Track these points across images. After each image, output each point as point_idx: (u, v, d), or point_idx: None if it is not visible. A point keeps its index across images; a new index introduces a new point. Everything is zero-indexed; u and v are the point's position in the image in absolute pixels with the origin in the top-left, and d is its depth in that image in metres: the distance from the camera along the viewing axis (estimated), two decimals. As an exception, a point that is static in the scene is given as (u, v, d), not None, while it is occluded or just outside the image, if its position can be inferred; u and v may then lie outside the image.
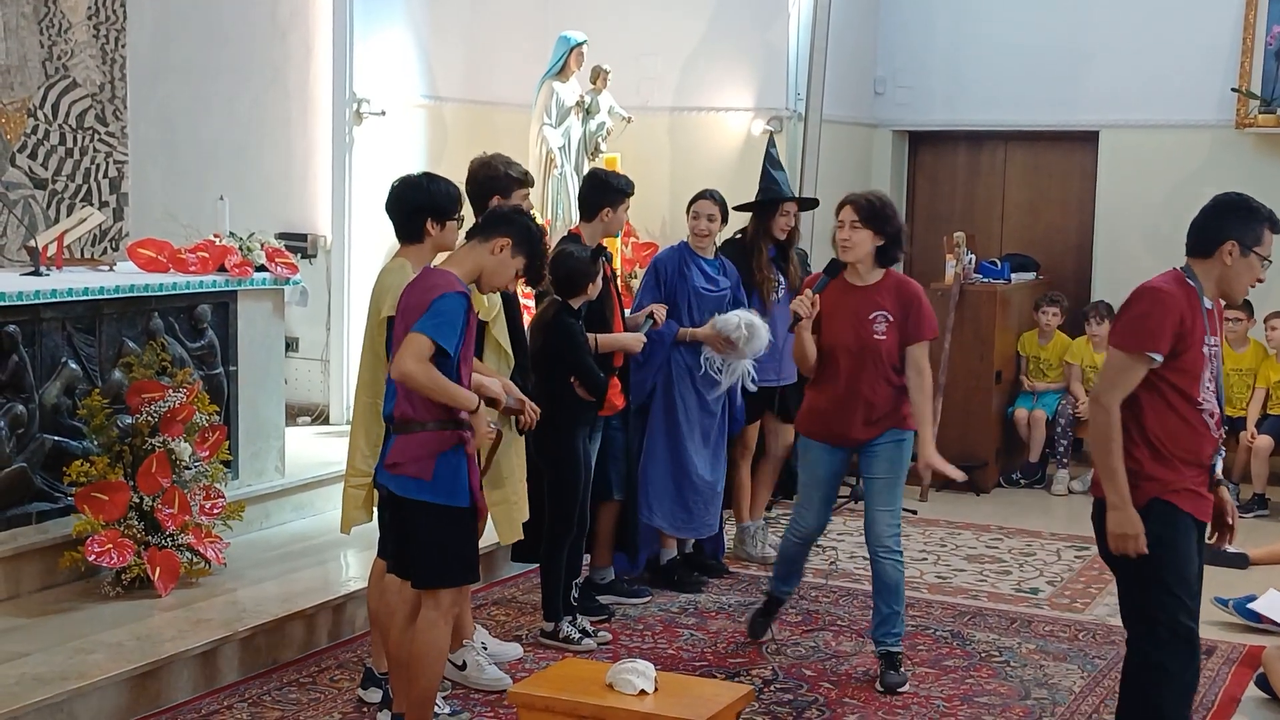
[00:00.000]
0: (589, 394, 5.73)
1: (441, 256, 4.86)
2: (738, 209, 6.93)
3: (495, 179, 5.52)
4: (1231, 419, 8.45)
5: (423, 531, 4.42)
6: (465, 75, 9.31)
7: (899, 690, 5.38)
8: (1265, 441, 8.38)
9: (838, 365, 5.36)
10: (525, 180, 5.61)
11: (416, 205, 4.87)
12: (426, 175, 4.99)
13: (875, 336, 5.31)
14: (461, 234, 4.92)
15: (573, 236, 6.12)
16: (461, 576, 4.52)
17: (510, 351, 5.32)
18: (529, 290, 6.26)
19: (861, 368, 5.31)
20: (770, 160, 7.17)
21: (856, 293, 5.37)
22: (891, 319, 5.32)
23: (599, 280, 5.76)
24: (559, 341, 5.68)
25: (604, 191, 6.12)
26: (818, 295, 5.36)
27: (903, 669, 5.48)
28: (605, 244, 6.06)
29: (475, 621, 5.68)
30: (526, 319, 5.79)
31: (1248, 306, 8.61)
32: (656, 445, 6.50)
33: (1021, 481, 9.06)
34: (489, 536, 5.88)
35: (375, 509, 4.88)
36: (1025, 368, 9.25)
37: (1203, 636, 6.01)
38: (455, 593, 4.53)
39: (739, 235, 7.03)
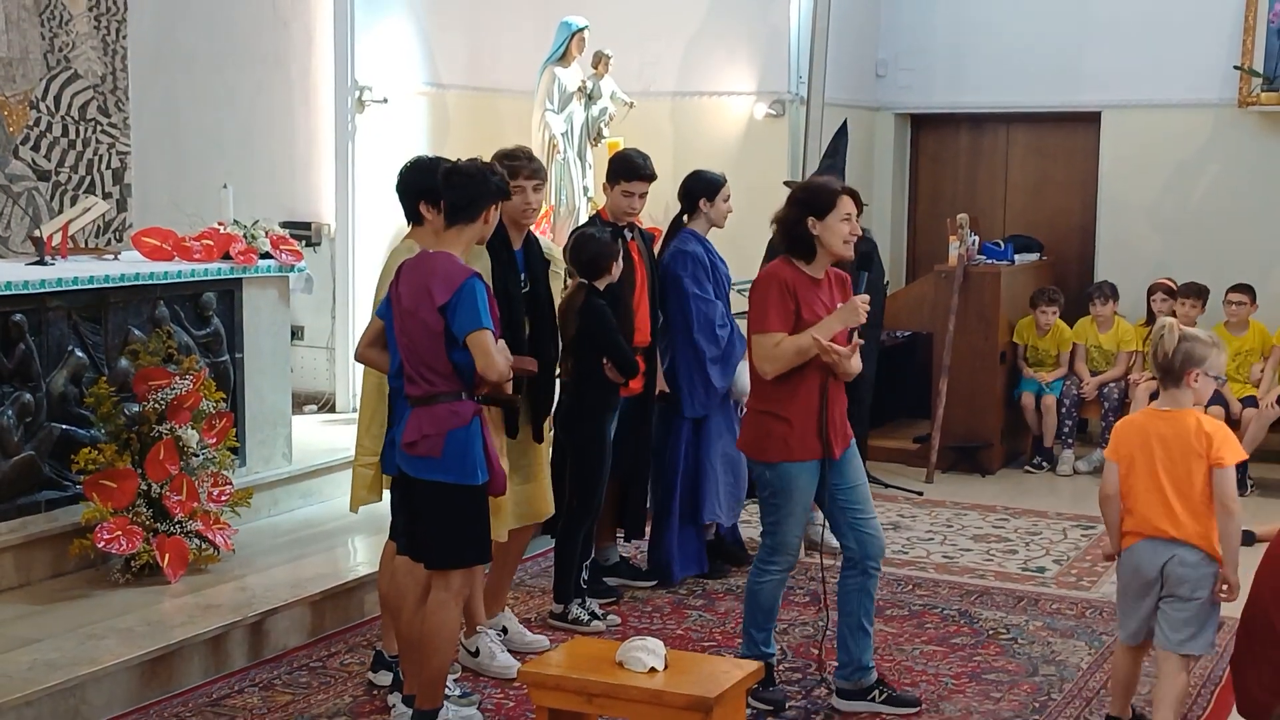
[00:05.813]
0: (620, 375, 5.74)
1: None
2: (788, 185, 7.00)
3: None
4: (1239, 399, 8.47)
5: (435, 512, 4.43)
6: (467, 62, 9.31)
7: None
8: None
9: (817, 366, 4.86)
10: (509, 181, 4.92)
11: (413, 189, 4.90)
12: (433, 159, 4.96)
13: None
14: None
15: (596, 217, 6.31)
16: (474, 557, 4.53)
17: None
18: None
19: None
20: (828, 149, 7.44)
21: (819, 285, 4.97)
22: None
23: (620, 260, 5.82)
24: (589, 323, 5.69)
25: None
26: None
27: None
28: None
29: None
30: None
31: (1249, 290, 8.59)
32: (717, 440, 6.42)
33: (1042, 467, 8.96)
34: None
35: (386, 490, 4.88)
36: (1023, 354, 9.22)
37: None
38: (466, 573, 4.56)
39: None
